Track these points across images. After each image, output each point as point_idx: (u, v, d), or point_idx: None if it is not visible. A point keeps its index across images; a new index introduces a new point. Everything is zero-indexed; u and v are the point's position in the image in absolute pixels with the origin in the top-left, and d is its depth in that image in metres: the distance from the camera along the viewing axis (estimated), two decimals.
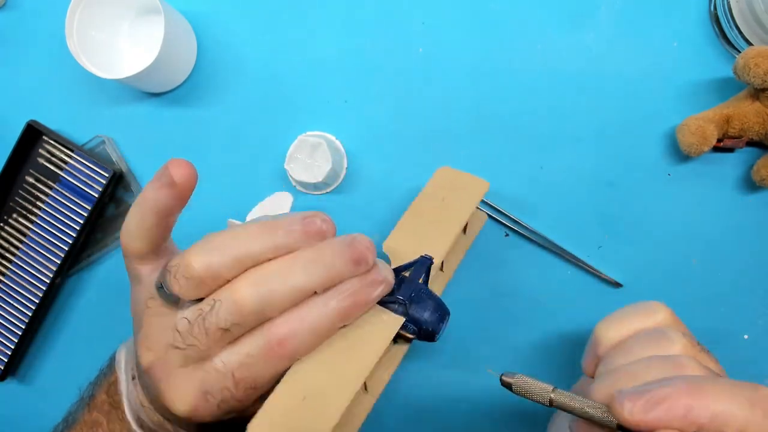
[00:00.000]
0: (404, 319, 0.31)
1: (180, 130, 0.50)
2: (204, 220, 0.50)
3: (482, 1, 0.48)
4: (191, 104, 0.50)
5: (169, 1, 0.48)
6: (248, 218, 0.43)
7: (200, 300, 0.29)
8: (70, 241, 0.49)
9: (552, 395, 0.27)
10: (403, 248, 0.37)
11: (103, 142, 0.50)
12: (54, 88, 0.51)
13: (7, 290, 0.51)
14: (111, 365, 0.35)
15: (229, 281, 0.28)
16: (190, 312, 0.28)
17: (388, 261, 0.37)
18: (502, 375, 0.30)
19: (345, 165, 0.49)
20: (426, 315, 0.32)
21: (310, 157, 0.45)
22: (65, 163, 0.50)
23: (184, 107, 0.50)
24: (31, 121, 0.49)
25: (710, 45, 0.46)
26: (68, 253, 0.49)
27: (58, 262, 0.50)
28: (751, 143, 0.45)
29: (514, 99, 0.48)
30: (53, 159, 0.50)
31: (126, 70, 0.44)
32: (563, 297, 0.48)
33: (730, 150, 0.46)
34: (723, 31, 0.46)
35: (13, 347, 0.51)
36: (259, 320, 0.28)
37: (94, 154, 0.49)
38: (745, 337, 0.47)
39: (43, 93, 0.51)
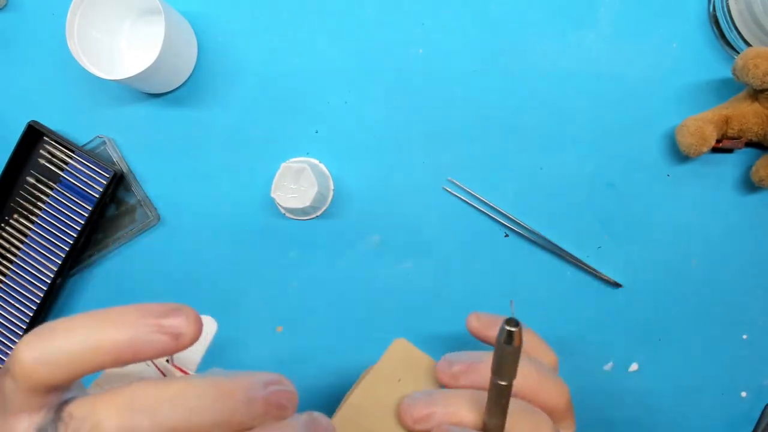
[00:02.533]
0: None
1: (180, 131, 0.50)
2: (204, 219, 0.50)
3: (482, 2, 0.48)
4: (191, 105, 0.50)
5: (169, 2, 0.48)
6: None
7: None
8: (71, 242, 0.49)
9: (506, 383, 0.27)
10: (354, 430, 0.33)
11: (104, 142, 0.50)
12: (55, 88, 0.51)
13: (8, 290, 0.51)
14: None
15: None
16: None
17: None
18: (512, 322, 0.24)
19: (332, 187, 0.49)
20: None
21: (295, 183, 0.45)
22: (66, 163, 0.50)
23: (184, 108, 0.50)
24: (32, 121, 0.49)
25: (709, 46, 0.47)
26: (69, 254, 0.49)
27: (59, 262, 0.50)
28: (750, 144, 0.45)
29: (514, 99, 0.48)
30: (54, 159, 0.50)
31: (127, 71, 0.44)
32: (563, 297, 0.48)
33: (729, 151, 0.46)
34: (722, 32, 0.46)
35: (14, 347, 0.51)
36: None
37: (94, 155, 0.49)
38: (745, 337, 0.47)
39: (43, 93, 0.52)
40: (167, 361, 0.36)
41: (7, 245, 0.51)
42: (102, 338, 0.20)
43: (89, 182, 0.49)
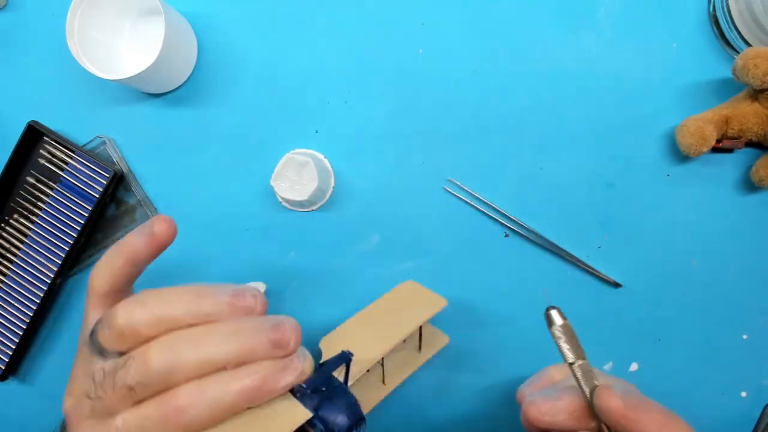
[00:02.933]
0: (311, 415, 0.29)
1: (180, 131, 0.50)
2: (204, 219, 0.50)
3: (482, 2, 0.48)
4: (191, 105, 0.50)
5: (169, 2, 0.48)
6: None
7: (122, 354, 0.28)
8: (71, 242, 0.49)
9: (575, 362, 0.32)
10: (339, 346, 0.35)
11: (104, 142, 0.50)
12: (55, 88, 0.51)
13: (8, 290, 0.51)
14: None
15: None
16: (108, 364, 0.28)
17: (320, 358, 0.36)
18: (550, 307, 0.33)
19: (332, 184, 0.49)
20: (338, 417, 0.30)
21: (297, 175, 0.45)
22: (66, 163, 0.50)
23: (184, 108, 0.50)
24: (32, 121, 0.49)
25: (709, 46, 0.47)
26: (69, 254, 0.49)
27: (59, 262, 0.50)
28: (750, 144, 0.45)
29: (514, 99, 0.48)
30: (54, 159, 0.50)
31: (126, 71, 0.44)
32: (563, 297, 0.48)
33: (729, 150, 0.46)
34: (722, 32, 0.46)
35: (14, 347, 0.51)
36: (164, 385, 0.27)
37: (94, 155, 0.49)
38: (745, 337, 0.47)
39: (43, 93, 0.52)
40: None
41: (7, 245, 0.51)
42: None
43: (89, 182, 0.49)
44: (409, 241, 0.49)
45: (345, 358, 0.34)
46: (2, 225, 0.51)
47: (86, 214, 0.49)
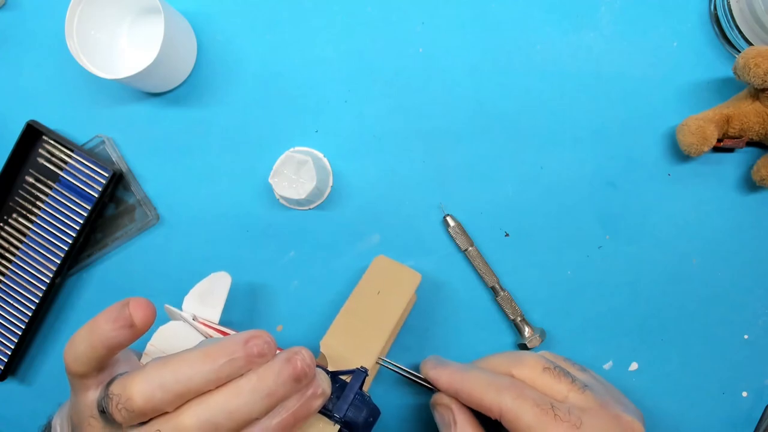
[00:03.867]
0: (338, 428, 0.34)
1: (180, 130, 0.50)
2: (203, 218, 0.50)
3: (482, 1, 0.48)
4: (191, 104, 0.50)
5: (169, 1, 0.48)
6: (184, 305, 0.42)
7: (143, 424, 0.29)
8: (70, 241, 0.49)
9: (468, 249, 0.47)
10: (341, 348, 0.40)
11: (103, 142, 0.50)
12: (54, 88, 0.51)
13: (7, 290, 0.51)
14: (47, 429, 0.36)
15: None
16: None
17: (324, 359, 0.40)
18: (446, 215, 0.46)
19: (330, 183, 0.49)
20: (360, 421, 0.35)
21: (295, 174, 0.45)
22: (65, 162, 0.50)
23: (183, 107, 0.50)
24: (31, 121, 0.49)
25: (710, 45, 0.46)
26: (68, 253, 0.49)
27: (58, 262, 0.50)
28: (751, 143, 0.45)
29: (514, 99, 0.48)
30: (53, 159, 0.50)
31: (126, 70, 0.44)
32: (563, 296, 0.48)
33: (730, 150, 0.46)
34: (723, 31, 0.46)
35: (13, 347, 0.51)
36: None
37: (93, 154, 0.49)
38: (745, 337, 0.47)
39: (43, 93, 0.51)
40: (193, 318, 0.41)
41: (5, 245, 0.51)
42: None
43: (88, 182, 0.49)
44: (409, 241, 0.49)
45: (362, 376, 0.37)
46: (1, 225, 0.51)
47: (85, 214, 0.49)
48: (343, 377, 0.36)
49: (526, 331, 0.47)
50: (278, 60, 0.50)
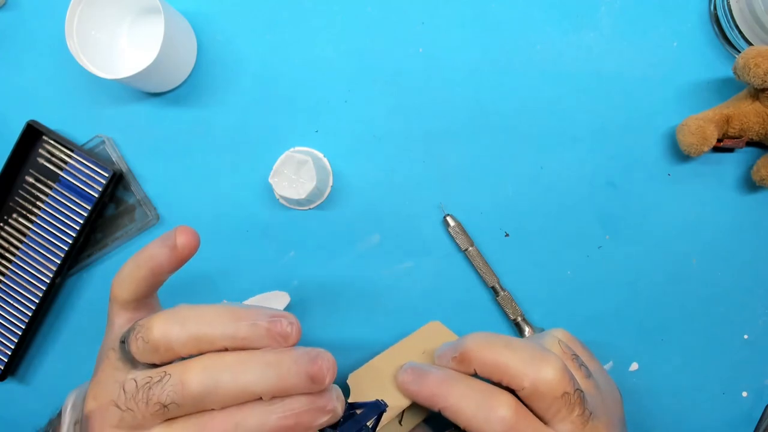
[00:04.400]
0: None
1: (180, 130, 0.50)
2: (204, 218, 0.50)
3: (482, 1, 0.48)
4: (191, 104, 0.50)
5: (169, 1, 0.48)
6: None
7: (155, 367, 0.28)
8: (70, 241, 0.49)
9: (468, 249, 0.46)
10: (367, 386, 0.37)
11: (103, 142, 0.50)
12: (54, 88, 0.51)
13: (7, 290, 0.51)
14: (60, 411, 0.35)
15: (183, 357, 0.28)
16: (141, 376, 0.28)
17: (348, 392, 0.37)
18: (446, 215, 0.45)
19: (330, 183, 0.49)
20: None
21: (295, 174, 0.45)
22: (65, 162, 0.50)
23: (183, 107, 0.50)
24: (31, 120, 0.49)
25: (710, 45, 0.47)
26: (68, 253, 0.49)
27: (58, 262, 0.50)
28: (751, 143, 0.45)
29: (514, 99, 0.48)
30: (53, 159, 0.50)
31: (126, 70, 0.44)
32: (563, 296, 0.48)
33: (730, 150, 0.46)
34: (723, 31, 0.46)
35: (12, 347, 0.50)
36: (197, 407, 0.27)
37: (93, 154, 0.49)
38: (745, 337, 0.47)
39: (43, 93, 0.51)
40: None
41: (6, 245, 0.51)
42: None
43: (88, 182, 0.49)
44: (409, 241, 0.49)
45: (379, 409, 0.33)
46: (1, 225, 0.51)
47: (85, 214, 0.49)
48: (358, 411, 0.33)
49: (527, 330, 0.47)
50: (278, 60, 0.50)
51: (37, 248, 0.50)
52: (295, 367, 0.27)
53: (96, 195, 0.49)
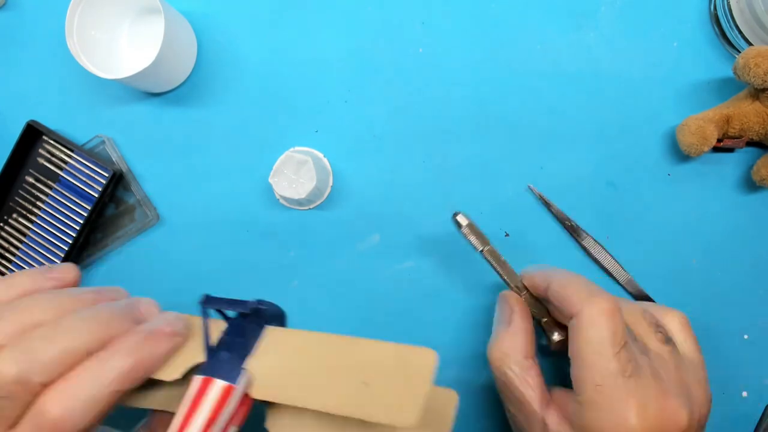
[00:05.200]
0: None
1: (180, 130, 0.50)
2: (204, 218, 0.50)
3: (482, 1, 0.48)
4: (191, 104, 0.50)
5: (169, 1, 0.48)
6: None
7: None
8: (70, 241, 0.49)
9: (485, 248, 0.41)
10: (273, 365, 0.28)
11: (103, 142, 0.50)
12: (54, 88, 0.51)
13: None
14: None
15: None
16: None
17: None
18: (456, 213, 0.41)
19: (330, 183, 0.49)
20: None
21: (295, 173, 0.45)
22: (65, 162, 0.50)
23: (183, 107, 0.50)
24: (31, 121, 0.49)
25: (710, 45, 0.46)
26: (68, 253, 0.49)
27: (58, 262, 0.50)
28: (751, 143, 0.45)
29: (514, 99, 0.48)
30: (53, 159, 0.50)
31: (126, 70, 0.44)
32: None
33: (730, 150, 0.46)
34: (723, 31, 0.46)
35: None
36: (28, 392, 0.23)
37: (94, 154, 0.49)
38: (745, 337, 0.47)
39: (43, 93, 0.51)
40: None
41: (6, 245, 0.51)
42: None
43: (88, 182, 0.49)
44: (409, 241, 0.49)
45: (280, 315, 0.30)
46: (1, 225, 0.51)
47: (85, 214, 0.49)
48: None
49: (555, 335, 0.41)
50: (278, 60, 0.50)
51: (37, 248, 0.50)
52: (114, 312, 0.25)
53: (96, 195, 0.49)
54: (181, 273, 0.51)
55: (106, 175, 0.49)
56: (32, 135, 0.50)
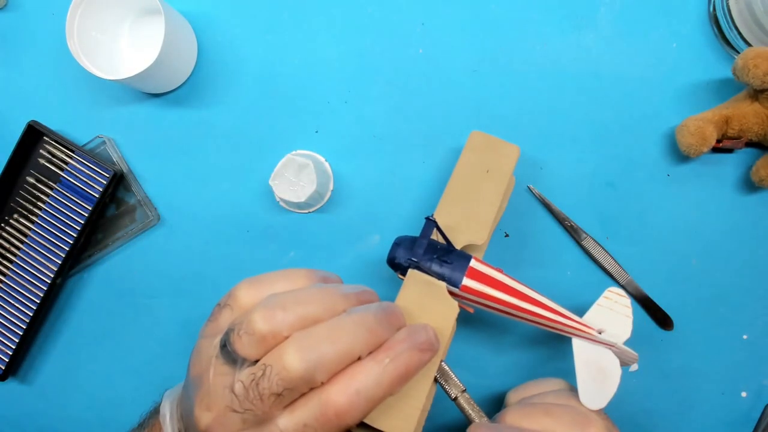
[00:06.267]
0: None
1: (180, 131, 0.50)
2: (204, 219, 0.50)
3: (482, 2, 0.48)
4: (191, 105, 0.50)
5: (169, 2, 0.48)
6: None
7: (255, 364, 0.29)
8: (71, 242, 0.49)
9: (459, 395, 0.38)
10: (454, 218, 0.40)
11: (104, 142, 0.50)
12: (55, 88, 0.51)
13: (8, 290, 0.51)
14: (154, 415, 0.36)
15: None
16: (245, 375, 0.28)
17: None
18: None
19: (331, 187, 0.49)
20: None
21: (296, 177, 0.45)
22: (66, 163, 0.50)
23: (184, 108, 0.50)
24: (32, 121, 0.49)
25: (709, 46, 0.47)
26: (69, 254, 0.49)
27: (59, 262, 0.50)
28: (750, 144, 0.45)
29: (514, 99, 0.48)
30: (54, 159, 0.50)
31: (126, 71, 0.44)
32: (563, 297, 0.48)
33: (730, 150, 0.46)
34: (722, 32, 0.46)
35: (14, 347, 0.51)
36: (309, 384, 0.28)
37: (94, 155, 0.49)
38: (745, 337, 0.47)
39: (43, 93, 0.52)
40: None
41: (7, 245, 0.51)
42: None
43: (89, 182, 0.49)
44: None
45: (432, 226, 0.37)
46: (2, 225, 0.51)
47: (86, 214, 0.49)
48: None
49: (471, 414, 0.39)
50: (278, 60, 0.50)
51: (38, 248, 0.50)
52: (378, 318, 0.29)
53: (97, 195, 0.49)
54: (181, 273, 0.51)
55: (107, 175, 0.49)
56: (33, 135, 0.50)
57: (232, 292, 0.32)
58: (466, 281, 0.37)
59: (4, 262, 0.51)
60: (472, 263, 0.38)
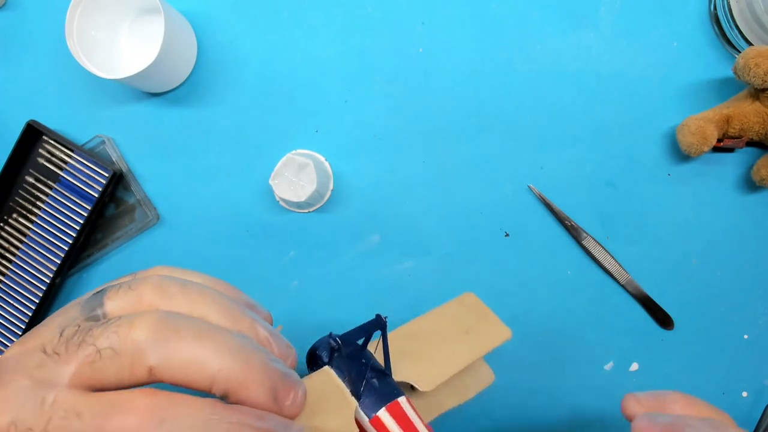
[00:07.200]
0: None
1: (180, 130, 0.50)
2: (204, 218, 0.50)
3: (482, 1, 0.48)
4: (191, 104, 0.50)
5: (169, 1, 0.48)
6: None
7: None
8: (70, 241, 0.49)
9: None
10: (404, 350, 0.35)
11: (103, 142, 0.50)
12: (54, 88, 0.51)
13: (7, 290, 0.51)
14: None
15: None
16: (88, 321, 0.24)
17: None
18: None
19: (331, 187, 0.49)
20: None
21: (296, 176, 0.45)
22: (65, 162, 0.50)
23: (183, 107, 0.50)
24: (31, 120, 0.49)
25: (710, 45, 0.47)
26: (68, 253, 0.49)
27: (58, 262, 0.50)
28: (750, 143, 0.45)
29: (514, 99, 0.48)
30: (53, 159, 0.50)
31: (126, 70, 0.44)
32: (563, 296, 0.48)
33: (730, 150, 0.46)
34: (723, 31, 0.46)
35: None
36: (134, 366, 0.21)
37: (94, 154, 0.49)
38: (745, 337, 0.47)
39: (43, 93, 0.51)
40: None
41: (6, 245, 0.51)
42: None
43: (88, 182, 0.49)
44: (409, 241, 0.49)
45: (380, 324, 0.32)
46: (1, 225, 0.51)
47: (85, 214, 0.49)
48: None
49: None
50: (278, 60, 0.50)
51: (37, 248, 0.50)
52: (264, 367, 0.22)
53: (96, 195, 0.49)
54: None
55: (106, 175, 0.49)
56: (32, 135, 0.50)
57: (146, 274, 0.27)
58: (382, 414, 0.29)
59: (4, 261, 0.51)
60: (401, 400, 0.30)
